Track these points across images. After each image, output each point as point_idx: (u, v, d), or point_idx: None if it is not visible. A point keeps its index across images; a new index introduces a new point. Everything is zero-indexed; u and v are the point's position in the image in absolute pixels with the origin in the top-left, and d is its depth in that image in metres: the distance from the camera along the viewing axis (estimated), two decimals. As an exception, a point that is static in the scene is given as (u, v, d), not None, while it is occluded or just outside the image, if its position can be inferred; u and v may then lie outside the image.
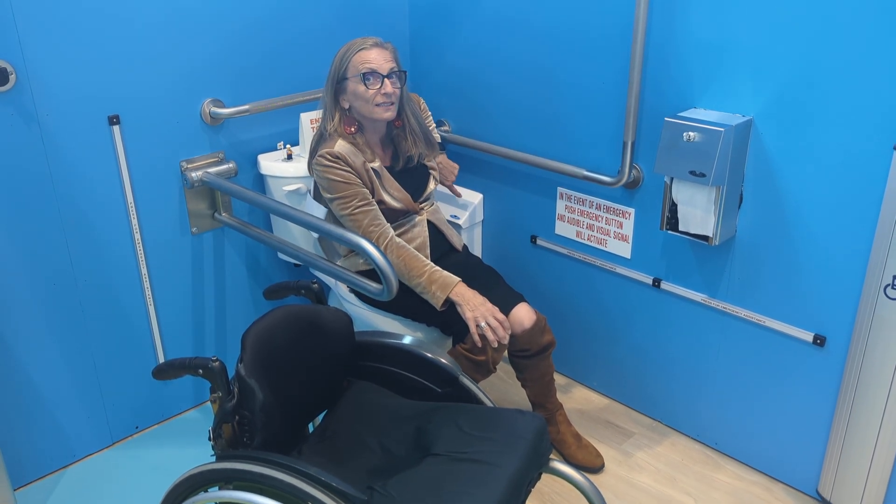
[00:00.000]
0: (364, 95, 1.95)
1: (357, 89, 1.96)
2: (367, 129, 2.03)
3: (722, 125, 1.80)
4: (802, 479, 2.08)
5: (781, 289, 1.96)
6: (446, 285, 1.93)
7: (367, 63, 1.94)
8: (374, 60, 1.95)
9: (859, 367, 1.82)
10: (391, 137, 2.09)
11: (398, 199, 2.04)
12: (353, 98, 1.98)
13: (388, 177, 2.04)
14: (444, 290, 1.93)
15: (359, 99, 1.97)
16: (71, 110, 1.97)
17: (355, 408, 1.72)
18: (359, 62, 1.95)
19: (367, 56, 1.95)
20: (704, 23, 1.88)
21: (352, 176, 1.95)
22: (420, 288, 1.96)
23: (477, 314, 1.89)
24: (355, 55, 1.96)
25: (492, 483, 1.41)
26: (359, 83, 1.95)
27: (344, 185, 1.95)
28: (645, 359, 2.34)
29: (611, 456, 2.24)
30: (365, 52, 1.95)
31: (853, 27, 1.65)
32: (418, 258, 1.98)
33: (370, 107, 1.96)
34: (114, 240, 2.14)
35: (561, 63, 2.22)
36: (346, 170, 1.95)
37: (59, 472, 2.20)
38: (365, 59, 1.95)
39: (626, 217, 2.23)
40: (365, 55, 1.95)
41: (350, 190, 1.95)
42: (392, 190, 2.03)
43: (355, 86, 1.96)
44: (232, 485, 1.40)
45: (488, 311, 1.90)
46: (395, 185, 2.05)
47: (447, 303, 1.93)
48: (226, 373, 1.49)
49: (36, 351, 2.08)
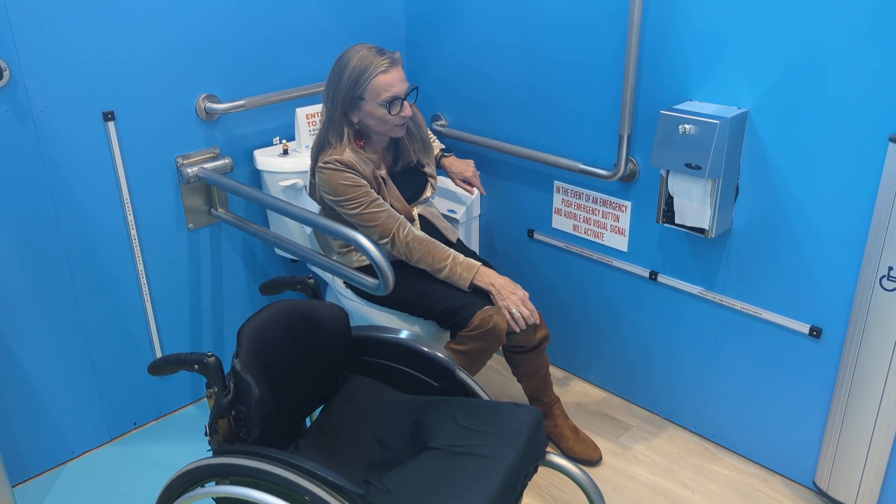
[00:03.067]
0: (384, 118, 1.93)
1: (376, 112, 1.92)
2: (374, 140, 2.03)
3: (717, 118, 1.80)
4: (799, 471, 2.09)
5: (777, 281, 1.96)
6: (470, 266, 1.99)
7: (390, 90, 1.90)
8: (396, 85, 1.91)
9: (855, 359, 1.82)
10: (394, 141, 2.09)
11: (398, 210, 2.05)
12: (368, 117, 1.94)
13: (391, 186, 2.04)
14: (469, 270, 1.98)
15: (375, 119, 1.94)
16: (65, 107, 1.96)
17: (352, 402, 1.72)
18: (380, 88, 1.89)
19: (388, 80, 1.89)
20: (700, 15, 1.88)
21: (361, 179, 1.94)
22: (445, 271, 1.98)
23: (508, 303, 1.95)
24: (375, 79, 1.89)
25: (488, 476, 1.42)
26: (379, 108, 1.91)
27: (353, 187, 1.93)
28: (642, 352, 2.35)
29: (608, 449, 2.25)
30: (384, 75, 1.89)
31: (848, 19, 1.65)
32: (439, 246, 2.00)
33: (388, 127, 1.96)
34: (110, 236, 2.14)
35: (557, 56, 2.21)
36: (356, 174, 1.94)
37: (58, 469, 2.20)
38: (386, 84, 1.89)
39: (622, 210, 2.23)
40: (385, 79, 1.89)
41: (360, 190, 1.94)
42: (393, 200, 2.04)
43: (374, 109, 1.92)
44: (228, 480, 1.40)
45: (519, 299, 1.96)
46: (397, 194, 2.05)
47: (472, 285, 1.98)
48: (221, 368, 1.49)
49: (33, 348, 2.08)
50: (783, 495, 2.07)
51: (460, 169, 2.31)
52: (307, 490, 1.31)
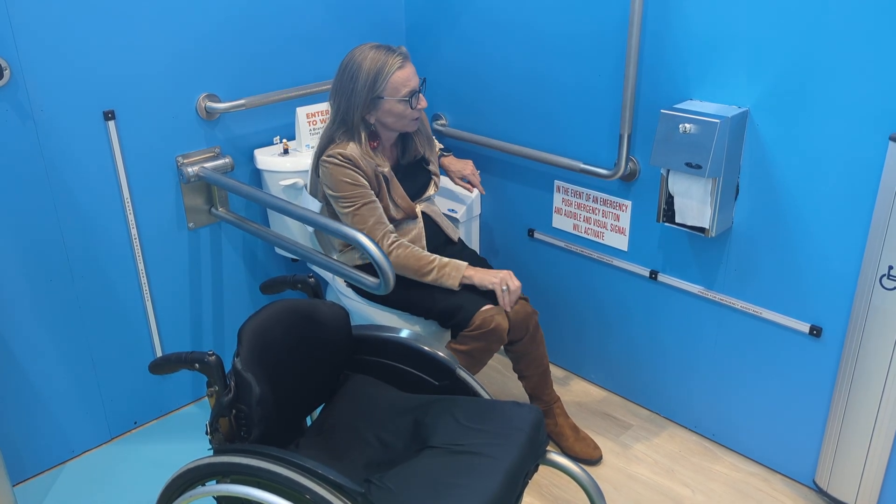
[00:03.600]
0: (404, 114, 1.96)
1: (395, 109, 1.95)
2: (382, 137, 2.04)
3: (718, 117, 1.80)
4: (800, 470, 2.09)
5: (778, 280, 1.96)
6: (458, 266, 1.99)
7: (409, 84, 1.94)
8: (413, 79, 1.95)
9: (855, 358, 1.82)
10: (401, 136, 2.10)
11: (401, 208, 2.06)
12: (387, 115, 1.96)
13: (395, 184, 2.04)
14: (458, 269, 1.98)
15: (393, 116, 1.96)
16: (66, 106, 1.96)
17: (353, 401, 1.72)
18: (399, 84, 1.93)
19: (405, 75, 1.93)
20: (700, 14, 1.88)
21: (360, 178, 1.96)
22: (433, 275, 1.98)
23: (496, 278, 1.97)
24: (393, 76, 1.92)
25: (489, 475, 1.42)
26: (399, 104, 1.94)
27: (351, 185, 1.95)
28: (642, 351, 2.35)
29: (609, 448, 2.25)
30: (401, 71, 1.93)
31: (849, 18, 1.65)
32: (423, 253, 2.00)
33: (405, 122, 1.98)
34: (110, 236, 2.14)
35: (557, 56, 2.21)
36: (356, 171, 1.95)
37: (58, 468, 2.20)
38: (404, 79, 1.93)
39: (622, 210, 2.23)
40: (403, 75, 1.93)
41: (357, 190, 1.96)
42: (397, 198, 2.04)
43: (393, 106, 1.94)
44: (229, 478, 1.39)
45: (507, 274, 1.98)
46: (401, 192, 2.05)
47: (462, 284, 1.99)
48: (222, 367, 1.49)
49: (33, 347, 2.08)
50: (783, 494, 2.07)
51: (459, 167, 2.32)
52: (308, 489, 1.31)
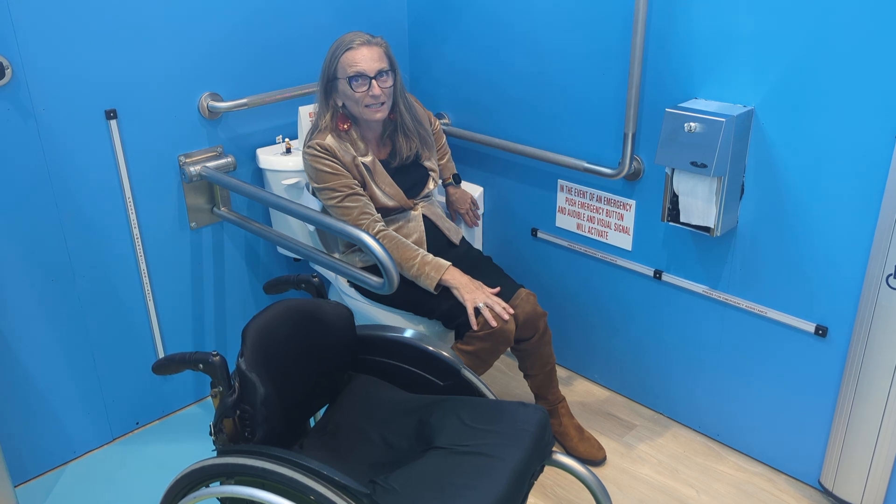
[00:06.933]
0: (353, 97, 1.95)
1: (346, 90, 1.95)
2: (363, 125, 2.03)
3: (723, 115, 1.79)
4: (805, 470, 2.08)
5: (783, 279, 1.95)
6: (439, 267, 1.96)
7: (355, 65, 1.92)
8: (362, 62, 1.92)
9: (861, 358, 1.82)
10: (392, 135, 2.09)
11: (390, 196, 2.04)
12: (344, 98, 1.97)
13: (381, 172, 2.03)
14: (438, 270, 1.96)
15: (349, 99, 1.97)
16: (68, 105, 1.96)
17: (357, 401, 1.71)
18: (346, 64, 1.93)
19: (355, 57, 1.93)
20: (705, 12, 1.87)
21: (339, 167, 1.96)
22: (413, 271, 1.97)
23: (475, 296, 1.92)
24: (343, 55, 1.93)
25: (495, 476, 1.41)
26: (347, 85, 1.94)
27: (332, 175, 1.96)
28: (646, 351, 2.34)
29: (613, 448, 2.24)
30: (352, 52, 1.93)
31: (854, 16, 1.64)
32: (409, 245, 1.99)
33: (360, 108, 1.97)
34: (112, 235, 2.13)
35: (561, 55, 2.21)
36: (334, 161, 1.95)
37: (60, 469, 2.20)
38: (352, 60, 1.93)
39: (626, 209, 2.22)
40: (352, 56, 1.93)
41: (338, 181, 1.96)
42: (384, 185, 2.03)
43: (344, 87, 1.95)
44: (233, 479, 1.39)
45: (484, 293, 1.93)
46: (388, 180, 2.04)
47: (440, 286, 1.96)
48: (226, 367, 1.49)
49: (35, 347, 2.07)
50: (788, 494, 2.06)
51: (457, 204, 2.38)
52: (313, 490, 1.31)
